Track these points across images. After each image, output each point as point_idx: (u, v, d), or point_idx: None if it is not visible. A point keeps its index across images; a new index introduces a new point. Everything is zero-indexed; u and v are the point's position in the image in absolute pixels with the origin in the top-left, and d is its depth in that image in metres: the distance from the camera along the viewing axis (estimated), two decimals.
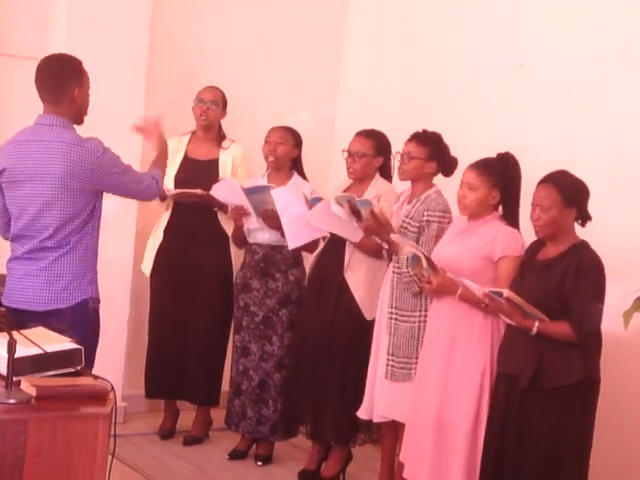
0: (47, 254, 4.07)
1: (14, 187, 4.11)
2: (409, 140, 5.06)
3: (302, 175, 5.70)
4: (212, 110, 5.88)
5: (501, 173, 4.56)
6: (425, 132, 5.06)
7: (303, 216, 5.30)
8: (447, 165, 5.05)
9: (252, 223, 5.57)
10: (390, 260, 5.10)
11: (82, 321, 4.01)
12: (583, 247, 4.24)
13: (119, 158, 4.16)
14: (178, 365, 5.90)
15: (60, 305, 4.05)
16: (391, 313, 5.00)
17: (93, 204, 4.12)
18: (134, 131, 4.59)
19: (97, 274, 4.23)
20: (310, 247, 5.56)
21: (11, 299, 4.10)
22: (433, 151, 5.01)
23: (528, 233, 4.45)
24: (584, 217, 4.30)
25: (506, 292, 4.18)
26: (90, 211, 4.11)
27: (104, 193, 4.21)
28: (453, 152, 5.09)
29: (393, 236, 4.91)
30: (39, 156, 4.04)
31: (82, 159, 4.01)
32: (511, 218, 4.60)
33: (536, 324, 4.17)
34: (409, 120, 5.45)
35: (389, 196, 5.26)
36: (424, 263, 4.54)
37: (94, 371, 3.61)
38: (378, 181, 5.34)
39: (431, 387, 4.61)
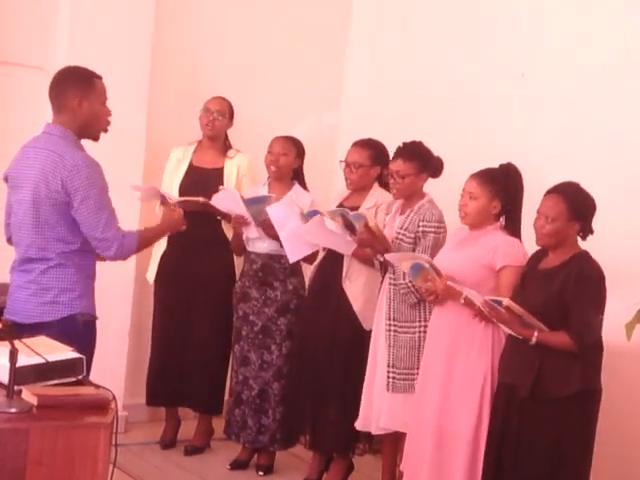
0: (34, 266, 4.05)
1: (13, 192, 4.16)
2: (394, 158, 5.04)
3: (303, 185, 5.71)
4: (219, 121, 5.89)
5: (502, 183, 4.57)
6: (407, 145, 5.04)
7: (300, 230, 5.30)
8: (435, 169, 5.06)
9: (252, 233, 5.58)
10: (385, 271, 5.10)
11: (70, 335, 3.89)
12: (584, 257, 4.25)
13: (101, 190, 4.01)
14: (181, 372, 5.90)
15: (46, 318, 4.02)
16: (389, 325, 4.99)
17: (74, 220, 4.01)
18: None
19: (92, 290, 4.17)
20: (309, 258, 5.57)
21: (8, 310, 4.11)
22: (421, 163, 5.00)
23: (530, 243, 4.46)
24: (586, 231, 4.30)
25: (506, 301, 4.19)
26: (70, 226, 4.02)
27: None
28: (454, 162, 5.09)
29: (387, 256, 4.91)
30: (29, 163, 4.06)
31: (56, 166, 3.96)
32: (513, 228, 4.60)
33: (535, 334, 4.17)
34: (410, 131, 5.45)
35: (390, 207, 5.27)
36: (426, 265, 4.54)
37: (95, 380, 3.60)
38: (377, 191, 5.35)
39: (432, 396, 4.61)
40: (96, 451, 3.12)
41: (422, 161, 5.01)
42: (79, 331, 4.06)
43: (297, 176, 5.70)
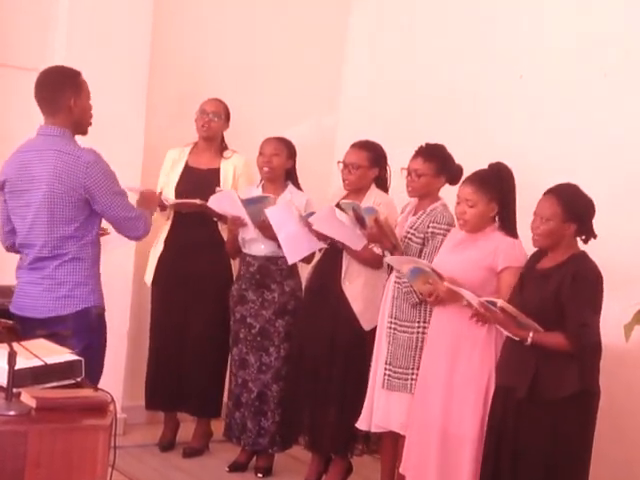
0: (47, 263, 4.11)
1: (14, 197, 4.19)
2: (415, 157, 5.04)
3: (297, 185, 5.70)
4: (214, 122, 5.88)
5: (496, 185, 4.57)
6: (429, 146, 5.04)
7: (299, 232, 5.30)
8: (453, 175, 5.06)
9: (249, 234, 5.57)
10: (391, 269, 5.10)
11: (85, 328, 4.05)
12: (581, 257, 4.24)
13: (114, 178, 4.15)
14: (179, 375, 5.89)
15: (62, 312, 4.09)
16: (390, 323, 4.99)
17: (86, 215, 4.12)
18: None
19: (100, 283, 4.26)
20: (307, 258, 5.58)
21: (17, 306, 4.17)
22: (440, 166, 5.00)
23: (526, 242, 4.45)
24: (587, 234, 4.29)
25: (500, 302, 4.19)
26: (84, 221, 4.12)
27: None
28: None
29: (387, 259, 4.91)
30: (35, 165, 4.10)
31: (69, 166, 4.04)
32: (509, 228, 4.60)
33: (530, 334, 4.17)
34: (410, 131, 5.46)
35: (387, 207, 5.26)
36: (426, 269, 4.53)
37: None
38: (374, 192, 5.34)
39: (434, 399, 4.61)
40: (95, 453, 3.11)
41: (441, 164, 5.01)
42: (93, 324, 4.16)
43: (290, 177, 5.70)
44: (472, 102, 5.99)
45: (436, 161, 5.00)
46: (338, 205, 5.18)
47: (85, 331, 3.99)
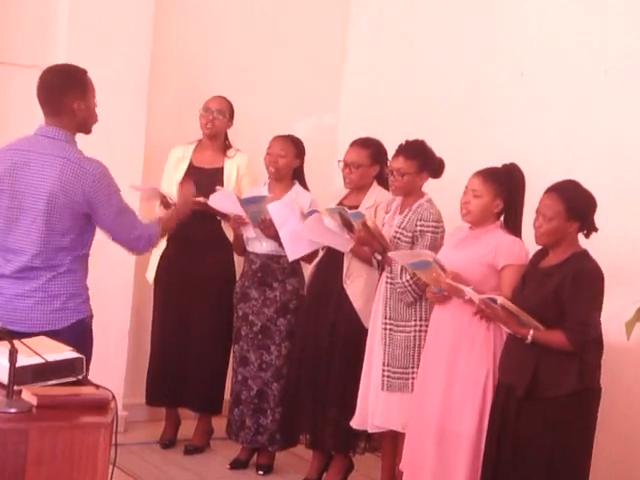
0: (39, 273, 3.96)
1: (3, 196, 3.98)
2: (396, 156, 5.04)
3: (303, 184, 5.70)
4: (218, 120, 5.88)
5: (506, 183, 4.58)
6: (409, 144, 5.04)
7: (298, 227, 5.30)
8: (436, 169, 5.06)
9: (250, 232, 5.58)
10: (382, 270, 5.10)
11: (77, 339, 3.86)
12: (582, 255, 4.25)
13: (119, 193, 4.01)
14: (180, 372, 5.90)
15: (56, 326, 3.96)
16: (385, 324, 5.00)
17: (83, 227, 3.98)
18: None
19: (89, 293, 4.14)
20: (309, 257, 5.57)
21: (3, 320, 3.90)
22: (422, 163, 5.00)
23: (530, 242, 4.46)
24: (589, 228, 4.30)
25: (500, 299, 4.19)
26: (80, 233, 3.98)
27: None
28: (453, 162, 5.09)
29: (391, 254, 4.91)
30: (36, 169, 3.92)
31: (77, 177, 3.88)
32: (513, 227, 4.61)
33: (531, 332, 4.17)
34: (411, 129, 5.45)
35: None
36: (430, 259, 4.53)
37: (95, 380, 3.60)
38: (376, 189, 5.34)
39: (433, 396, 4.61)
40: (96, 451, 3.11)
41: (423, 160, 5.01)
42: (86, 334, 4.06)
43: (297, 175, 5.69)
44: (472, 102, 5.99)
45: (418, 159, 4.99)
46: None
47: (77, 343, 3.76)
